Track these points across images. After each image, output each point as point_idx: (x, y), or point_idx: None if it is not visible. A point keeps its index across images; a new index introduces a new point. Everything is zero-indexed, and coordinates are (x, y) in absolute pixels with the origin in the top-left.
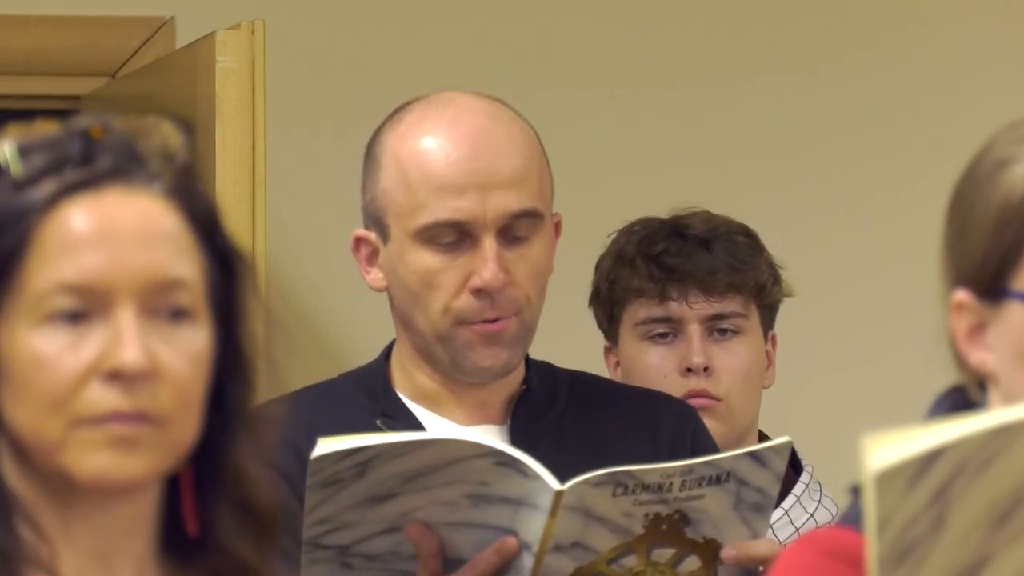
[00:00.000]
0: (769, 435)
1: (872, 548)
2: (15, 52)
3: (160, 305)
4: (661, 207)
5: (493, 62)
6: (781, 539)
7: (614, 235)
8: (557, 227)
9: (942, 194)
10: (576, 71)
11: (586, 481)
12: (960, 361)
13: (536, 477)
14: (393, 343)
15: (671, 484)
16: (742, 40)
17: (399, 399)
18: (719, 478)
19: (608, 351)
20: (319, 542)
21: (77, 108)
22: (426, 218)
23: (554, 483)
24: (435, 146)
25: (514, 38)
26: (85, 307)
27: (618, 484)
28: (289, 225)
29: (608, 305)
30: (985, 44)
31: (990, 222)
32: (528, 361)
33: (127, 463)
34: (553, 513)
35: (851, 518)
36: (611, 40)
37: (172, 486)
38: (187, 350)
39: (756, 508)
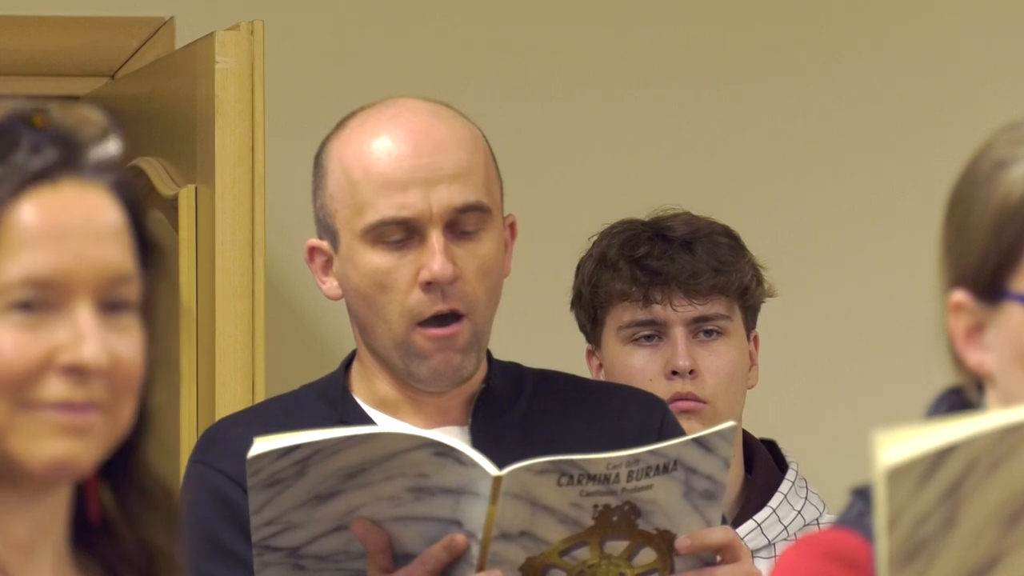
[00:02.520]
0: (754, 435)
1: (882, 546)
2: (15, 52)
3: (111, 298)
4: (645, 210)
5: (488, 63)
6: (769, 538)
7: (595, 237)
8: (512, 229)
9: (937, 194)
10: (567, 73)
11: (527, 468)
12: (958, 362)
13: (473, 464)
14: (354, 353)
15: (618, 475)
16: (730, 41)
17: (357, 405)
18: (666, 467)
19: (590, 354)
20: (269, 544)
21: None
22: (372, 217)
23: (492, 469)
24: (377, 146)
25: (510, 40)
26: (43, 299)
27: (562, 473)
28: (289, 225)
29: (591, 308)
30: (984, 44)
31: (989, 223)
32: (491, 360)
33: (79, 450)
34: (493, 499)
35: (849, 520)
36: (602, 42)
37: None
38: (134, 340)
39: (707, 496)
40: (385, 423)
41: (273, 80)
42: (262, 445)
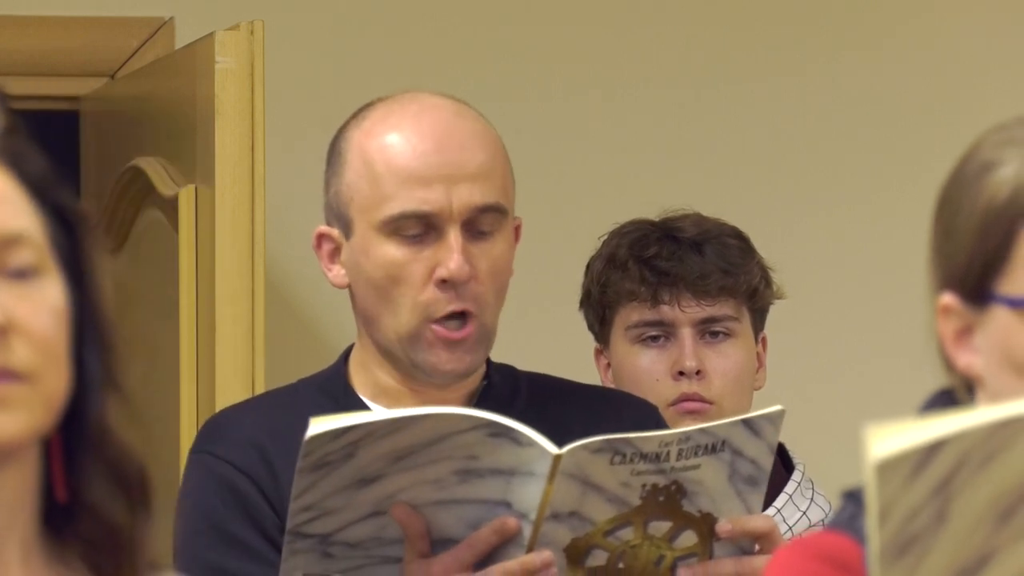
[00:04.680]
0: None
1: (873, 540)
2: (15, 52)
3: (4, 262)
4: (654, 210)
5: (489, 63)
6: None
7: (605, 237)
8: (517, 231)
9: (936, 196)
10: (569, 73)
11: (585, 447)
12: (948, 364)
13: (532, 444)
14: (350, 348)
15: (668, 453)
16: (730, 41)
17: (359, 399)
18: (714, 447)
19: (599, 353)
20: (301, 531)
21: (77, 109)
22: (392, 209)
23: (552, 448)
24: (401, 139)
25: (511, 40)
26: None
27: (616, 452)
28: (289, 225)
29: (599, 308)
30: (984, 44)
31: (975, 225)
32: (488, 360)
33: (2, 422)
34: (551, 478)
35: (841, 522)
36: (602, 42)
37: (43, 457)
38: (42, 303)
39: (750, 481)
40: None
41: (273, 80)
42: (319, 426)
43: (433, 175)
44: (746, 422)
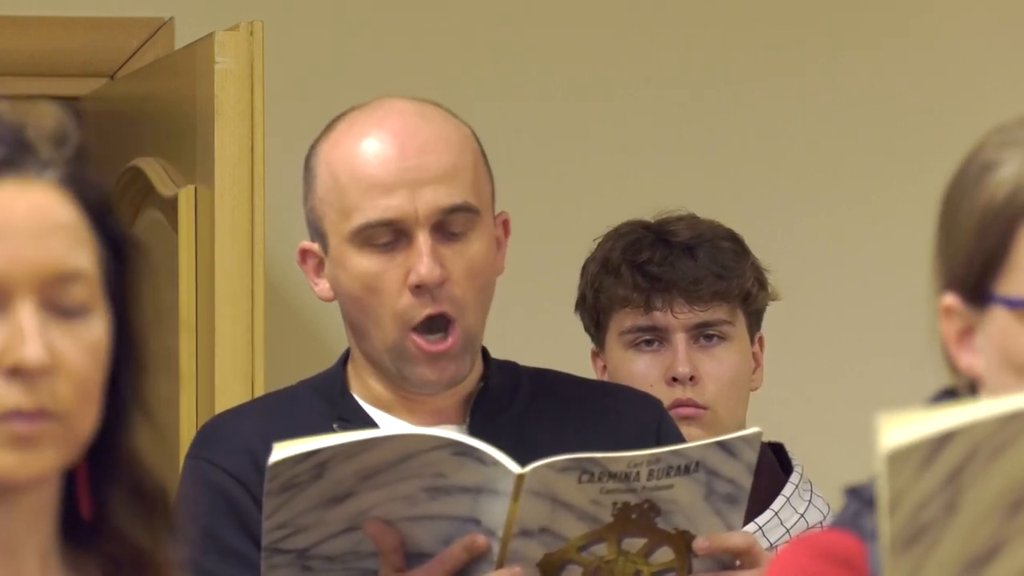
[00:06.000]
0: None
1: (883, 529)
2: (15, 52)
3: (59, 298)
4: (653, 210)
5: (489, 63)
6: (771, 540)
7: (600, 239)
8: (505, 226)
9: (937, 194)
10: (569, 73)
11: (549, 466)
12: (951, 364)
13: (495, 463)
14: (350, 349)
15: (638, 473)
16: (730, 41)
17: (356, 403)
18: (687, 468)
19: (595, 355)
20: (278, 547)
21: (77, 109)
22: (359, 220)
23: (514, 467)
24: (364, 148)
25: (511, 40)
26: None
27: (584, 471)
28: (289, 225)
29: (594, 312)
30: (984, 44)
31: (974, 225)
32: (487, 359)
33: (29, 461)
34: (515, 497)
35: (845, 520)
36: (602, 42)
37: (66, 472)
38: (85, 342)
39: (729, 500)
40: (384, 421)
41: (273, 80)
42: (283, 451)
43: (396, 181)
44: (721, 444)
